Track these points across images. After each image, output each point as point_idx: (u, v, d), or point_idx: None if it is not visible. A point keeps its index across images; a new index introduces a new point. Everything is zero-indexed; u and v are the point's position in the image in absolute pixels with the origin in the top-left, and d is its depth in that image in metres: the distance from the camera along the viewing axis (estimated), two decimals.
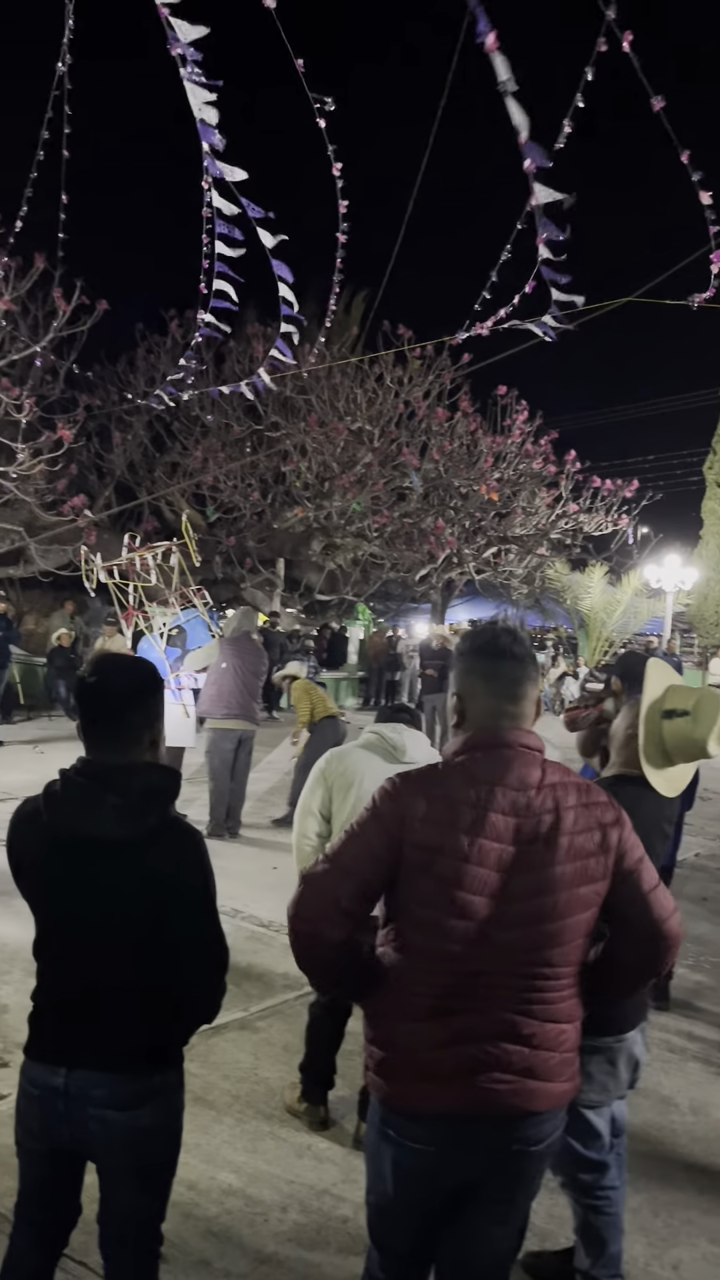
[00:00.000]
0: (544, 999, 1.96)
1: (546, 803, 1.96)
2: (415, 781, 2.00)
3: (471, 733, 2.04)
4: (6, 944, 5.24)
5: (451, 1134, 1.97)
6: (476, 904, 1.91)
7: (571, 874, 1.94)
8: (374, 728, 3.72)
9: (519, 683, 2.03)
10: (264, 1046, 4.32)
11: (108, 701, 2.10)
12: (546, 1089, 1.98)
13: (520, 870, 1.92)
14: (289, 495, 18.46)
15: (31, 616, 19.46)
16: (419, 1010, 1.96)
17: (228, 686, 8.04)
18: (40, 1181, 2.20)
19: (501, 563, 21.51)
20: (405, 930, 1.97)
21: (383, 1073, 2.01)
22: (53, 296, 13.55)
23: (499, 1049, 1.94)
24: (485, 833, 1.92)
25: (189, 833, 2.12)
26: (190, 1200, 3.16)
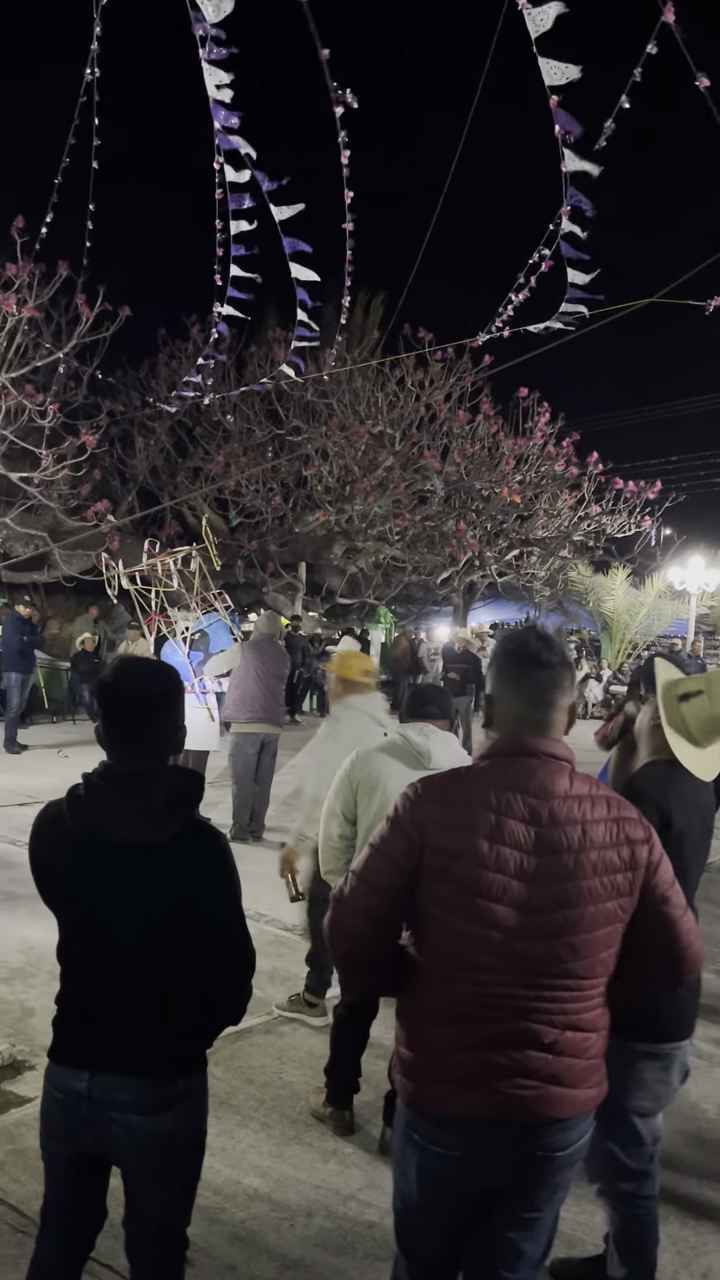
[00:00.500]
0: (566, 1009, 1.93)
1: (572, 814, 1.93)
2: (435, 786, 2.00)
3: (497, 738, 2.03)
4: (33, 947, 5.27)
5: (475, 1139, 1.96)
6: (497, 912, 1.89)
7: (598, 888, 1.91)
8: (400, 729, 3.62)
9: (546, 690, 2.00)
10: (289, 1051, 4.31)
11: (129, 705, 2.10)
12: (572, 1096, 1.96)
13: (544, 881, 1.90)
14: (310, 499, 18.48)
15: (55, 621, 19.59)
16: (442, 1014, 1.95)
17: (251, 690, 8.06)
18: (66, 1185, 2.20)
19: (524, 565, 21.43)
20: (427, 934, 1.96)
21: (409, 1075, 2.01)
22: (76, 303, 13.66)
23: (523, 1055, 1.92)
24: (504, 839, 1.90)
25: (213, 836, 2.12)
26: (216, 1205, 3.15)
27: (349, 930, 1.99)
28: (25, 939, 5.40)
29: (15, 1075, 3.91)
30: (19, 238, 12.25)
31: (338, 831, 3.65)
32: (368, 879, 1.97)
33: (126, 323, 13.89)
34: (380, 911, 1.96)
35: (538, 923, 1.89)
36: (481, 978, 1.91)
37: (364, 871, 1.99)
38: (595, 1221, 3.19)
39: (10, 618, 12.57)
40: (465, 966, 1.91)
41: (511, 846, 1.90)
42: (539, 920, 1.89)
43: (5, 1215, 3.03)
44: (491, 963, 1.90)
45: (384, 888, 1.95)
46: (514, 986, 1.90)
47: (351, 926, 1.98)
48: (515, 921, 1.89)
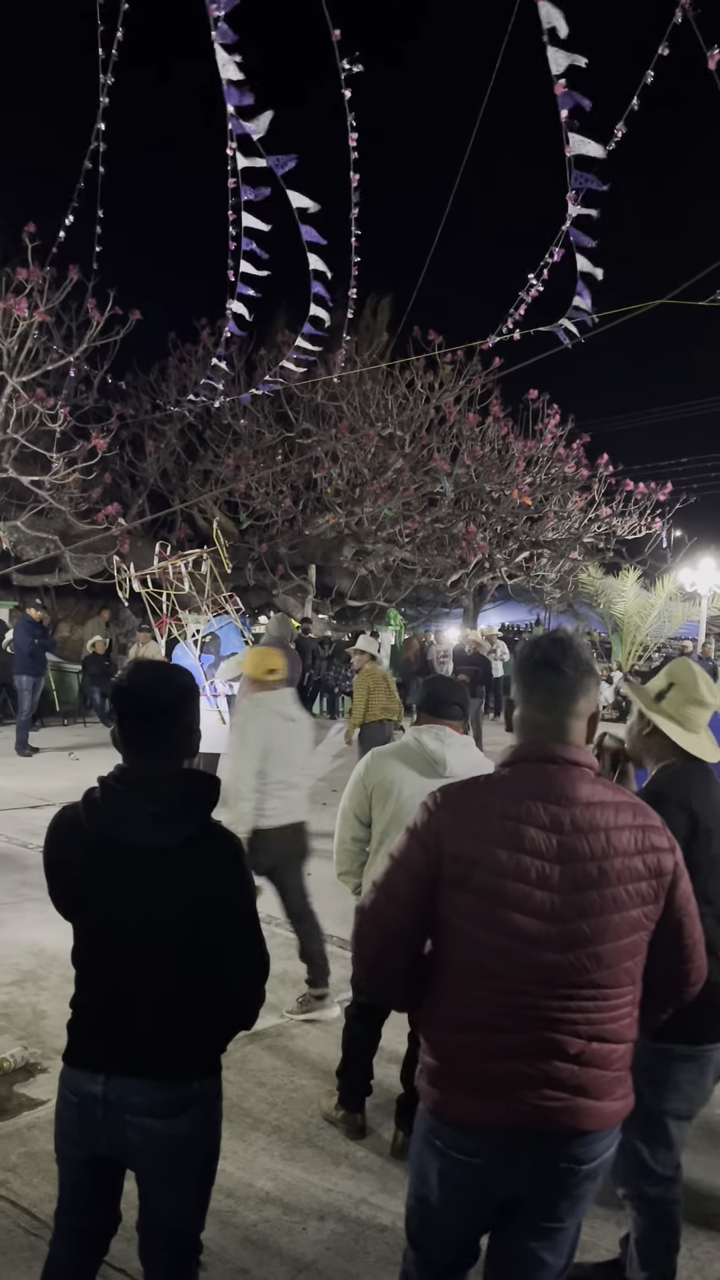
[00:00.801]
0: (591, 1019, 1.90)
1: (595, 820, 1.90)
2: (453, 795, 1.99)
3: (517, 745, 2.01)
4: (44, 949, 5.28)
5: (499, 1148, 1.94)
6: (518, 921, 1.87)
7: (622, 896, 1.89)
8: (416, 732, 3.52)
9: (563, 696, 1.98)
10: (300, 1054, 4.31)
11: (145, 709, 2.10)
12: (599, 1108, 1.93)
13: (567, 890, 1.87)
14: (320, 502, 18.49)
15: (66, 624, 19.65)
16: (466, 1022, 1.93)
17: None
18: (80, 1189, 2.20)
19: (534, 567, 21.40)
20: (449, 943, 1.95)
21: (434, 1082, 1.99)
22: (86, 307, 13.71)
23: (549, 1066, 1.90)
24: (524, 848, 1.88)
25: (228, 839, 2.12)
26: (228, 1208, 3.15)
27: (372, 942, 1.99)
28: (37, 941, 5.41)
29: (28, 1078, 3.92)
30: (30, 242, 12.31)
31: (350, 834, 3.63)
32: (388, 891, 1.97)
33: (137, 326, 13.95)
34: (401, 923, 1.95)
35: (561, 932, 1.87)
36: (505, 987, 1.89)
37: (384, 883, 1.98)
38: (608, 1226, 3.17)
39: (21, 621, 12.60)
40: (488, 976, 1.89)
41: (532, 854, 1.87)
42: (562, 929, 1.87)
43: (18, 1218, 3.03)
44: (514, 973, 1.88)
45: (404, 899, 1.94)
46: (538, 996, 1.88)
47: (374, 938, 1.98)
48: (538, 931, 1.86)
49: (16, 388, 13.16)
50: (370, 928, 1.98)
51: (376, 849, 3.55)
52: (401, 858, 1.97)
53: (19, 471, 13.80)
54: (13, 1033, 4.33)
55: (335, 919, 6.05)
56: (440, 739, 3.46)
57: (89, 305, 13.55)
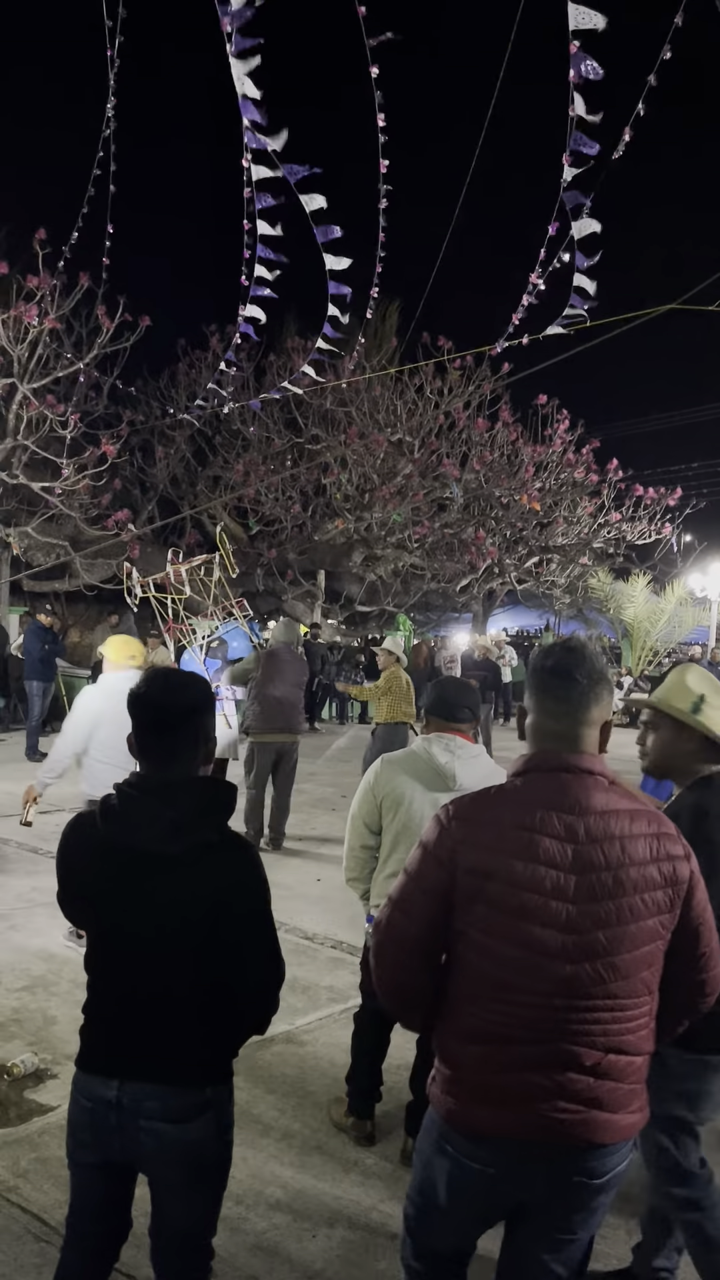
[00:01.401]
0: (608, 1030, 1.89)
1: (610, 829, 1.89)
2: (466, 808, 1.97)
3: (530, 754, 2.00)
4: (54, 955, 5.29)
5: (512, 1159, 1.93)
6: (535, 932, 1.86)
7: (639, 905, 1.87)
8: (426, 742, 3.48)
9: (576, 705, 1.96)
10: (310, 1060, 4.30)
11: (163, 717, 2.10)
12: (614, 1121, 1.92)
13: (583, 900, 1.86)
14: (329, 507, 18.52)
15: (75, 629, 19.71)
16: (483, 1035, 1.92)
17: (268, 700, 8.03)
18: (91, 1194, 2.20)
19: (543, 572, 21.39)
20: (465, 955, 1.93)
21: (448, 1090, 1.98)
22: (96, 314, 13.77)
23: (564, 1077, 1.88)
24: (539, 858, 1.86)
25: (244, 847, 2.12)
26: (238, 1215, 3.15)
27: (391, 958, 1.99)
28: (47, 946, 5.42)
29: (38, 1084, 3.93)
30: (40, 250, 12.38)
31: (360, 842, 3.61)
32: (403, 907, 1.96)
33: (146, 333, 14.01)
34: (419, 939, 1.94)
35: (578, 942, 1.86)
36: (521, 999, 1.87)
37: (400, 899, 1.98)
38: (619, 1235, 3.16)
39: (32, 626, 12.65)
40: (504, 988, 1.88)
41: (547, 865, 1.86)
42: (579, 940, 1.86)
43: (29, 1224, 3.04)
44: (531, 984, 1.87)
45: (420, 915, 1.94)
46: (555, 1008, 1.87)
47: (393, 954, 1.98)
48: (554, 941, 1.85)
49: (27, 394, 13.23)
50: (389, 944, 1.98)
51: (386, 857, 3.54)
52: (416, 873, 1.96)
53: (29, 478, 13.86)
54: (23, 1038, 4.33)
55: (343, 924, 6.05)
56: (450, 750, 3.41)
57: (99, 312, 13.62)
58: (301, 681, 8.30)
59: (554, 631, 27.68)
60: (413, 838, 3.42)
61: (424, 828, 3.33)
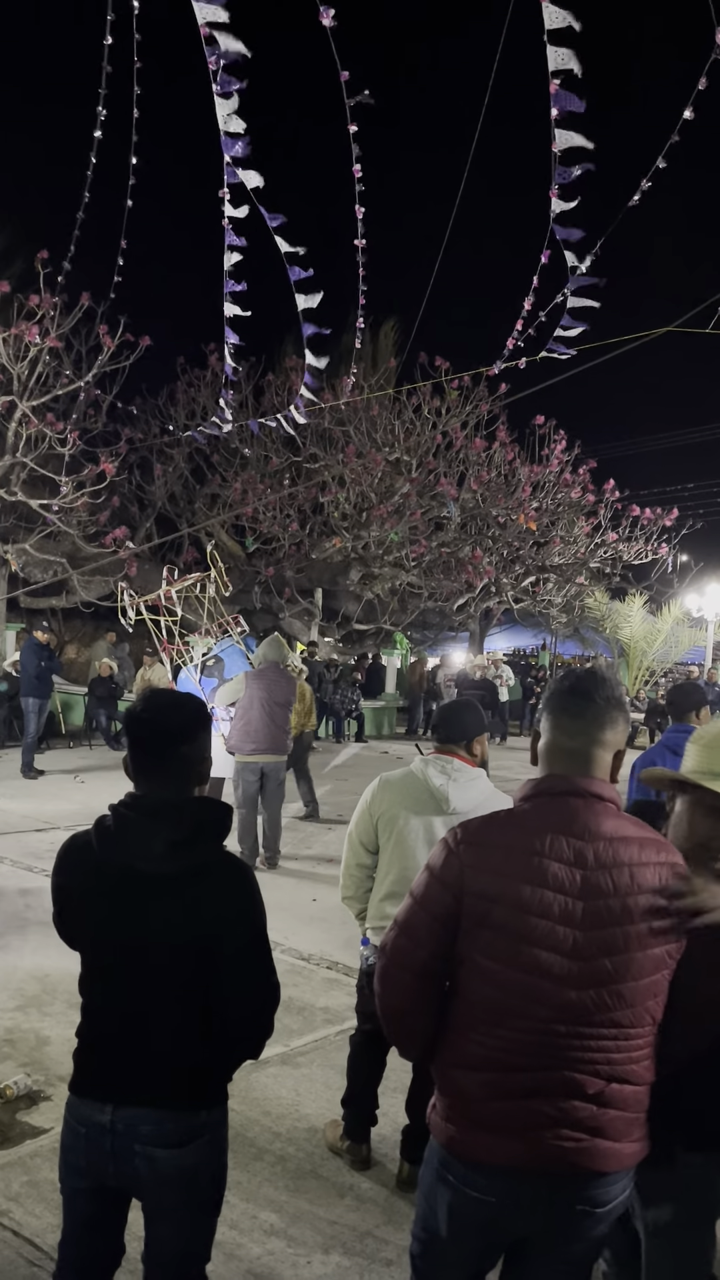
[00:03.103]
0: (612, 1059, 1.87)
1: (619, 856, 1.87)
2: (475, 832, 1.95)
3: (541, 777, 1.99)
4: (48, 975, 5.25)
5: (514, 1188, 1.91)
6: (541, 958, 1.84)
7: (646, 933, 1.85)
8: (424, 763, 3.47)
9: (590, 723, 1.95)
10: (305, 1082, 4.27)
11: (160, 736, 2.10)
12: (616, 1150, 1.90)
13: (590, 926, 1.84)
14: (327, 526, 18.57)
15: (73, 646, 19.72)
16: (484, 1061, 1.90)
17: (253, 720, 8.00)
18: (84, 1220, 2.18)
19: (540, 592, 21.43)
20: (469, 981, 1.92)
21: (449, 1118, 1.96)
22: (97, 332, 13.85)
23: (567, 1105, 1.86)
24: (547, 883, 1.85)
25: (240, 868, 2.11)
26: (232, 1240, 3.12)
27: (394, 983, 1.97)
28: (40, 966, 5.39)
29: (31, 1106, 3.89)
30: (42, 269, 12.46)
31: (356, 861, 3.60)
32: (409, 932, 1.95)
33: (146, 352, 14.08)
34: (424, 964, 1.93)
35: (584, 968, 1.84)
36: (526, 1025, 1.86)
37: (405, 923, 1.96)
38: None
39: (28, 643, 12.63)
40: (509, 1014, 1.87)
41: (555, 890, 1.85)
42: (585, 966, 1.84)
43: (20, 1249, 3.00)
44: (536, 1010, 1.85)
45: (425, 939, 1.92)
46: (560, 1035, 1.85)
47: (396, 978, 1.96)
48: (560, 968, 1.84)
49: (26, 412, 13.29)
50: (393, 968, 1.96)
51: (382, 878, 3.53)
52: (422, 897, 1.95)
53: (28, 495, 13.90)
54: (16, 1059, 4.30)
55: (339, 945, 6.02)
56: (446, 772, 3.40)
57: (100, 331, 13.69)
58: (288, 701, 8.23)
59: (550, 651, 27.70)
60: (405, 859, 3.41)
61: (418, 848, 3.35)
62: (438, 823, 3.38)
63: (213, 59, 5.11)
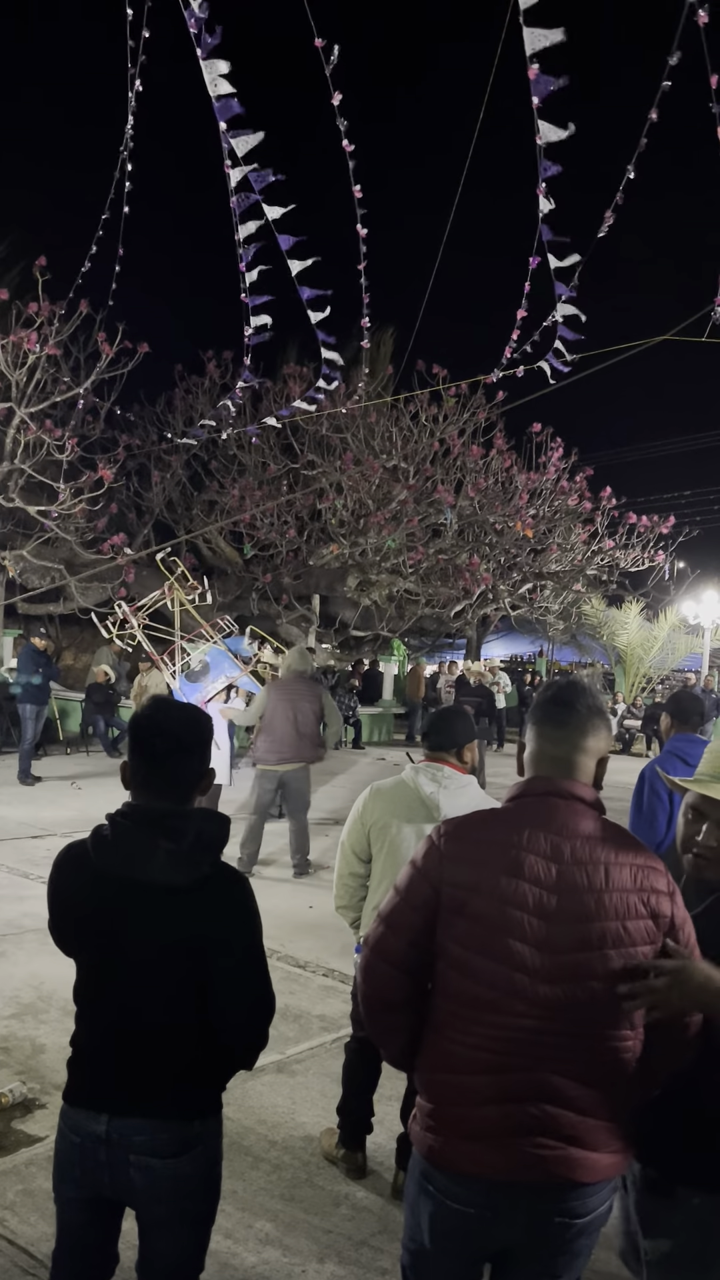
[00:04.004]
0: (589, 1061, 1.88)
1: (595, 854, 1.90)
2: (457, 827, 2.00)
3: (525, 780, 2.03)
4: (44, 983, 5.25)
5: (493, 1199, 1.91)
6: (515, 948, 1.86)
7: (620, 932, 1.87)
8: (414, 771, 3.48)
9: (573, 730, 2.00)
10: (300, 1090, 4.27)
11: (163, 747, 2.10)
12: (593, 1160, 1.89)
13: (563, 920, 1.87)
14: (325, 532, 18.57)
15: (70, 652, 19.68)
16: (463, 1062, 1.91)
17: (276, 729, 8.02)
18: (78, 1230, 2.18)
19: (537, 599, 21.43)
20: (447, 974, 1.94)
21: (428, 1127, 1.97)
22: (95, 339, 13.87)
23: (543, 1111, 1.87)
24: (523, 874, 1.88)
25: (237, 880, 2.12)
26: (227, 1249, 3.11)
27: (375, 973, 1.99)
28: (36, 973, 5.38)
29: (26, 1114, 3.89)
30: (40, 276, 12.48)
31: (349, 870, 3.61)
32: (391, 924, 1.99)
33: (144, 358, 14.10)
34: (403, 953, 1.96)
35: (556, 962, 1.86)
36: (501, 1020, 1.87)
37: (389, 916, 2.00)
38: (610, 1270, 3.13)
39: (25, 649, 12.62)
40: (485, 1008, 1.88)
41: (531, 881, 1.88)
42: (559, 960, 1.86)
43: (15, 1257, 3.00)
44: (511, 1004, 1.87)
45: (404, 929, 1.96)
46: (535, 1032, 1.86)
47: (379, 970, 1.99)
48: (534, 960, 1.86)
49: (25, 419, 13.30)
50: (377, 960, 1.99)
51: (375, 886, 3.54)
52: (405, 891, 1.99)
53: (26, 501, 13.90)
54: (11, 1067, 4.30)
55: (335, 952, 6.02)
56: (436, 780, 3.42)
57: (98, 338, 13.71)
58: (313, 709, 8.22)
59: (547, 658, 27.71)
60: (397, 866, 3.42)
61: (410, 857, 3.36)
62: (429, 830, 3.39)
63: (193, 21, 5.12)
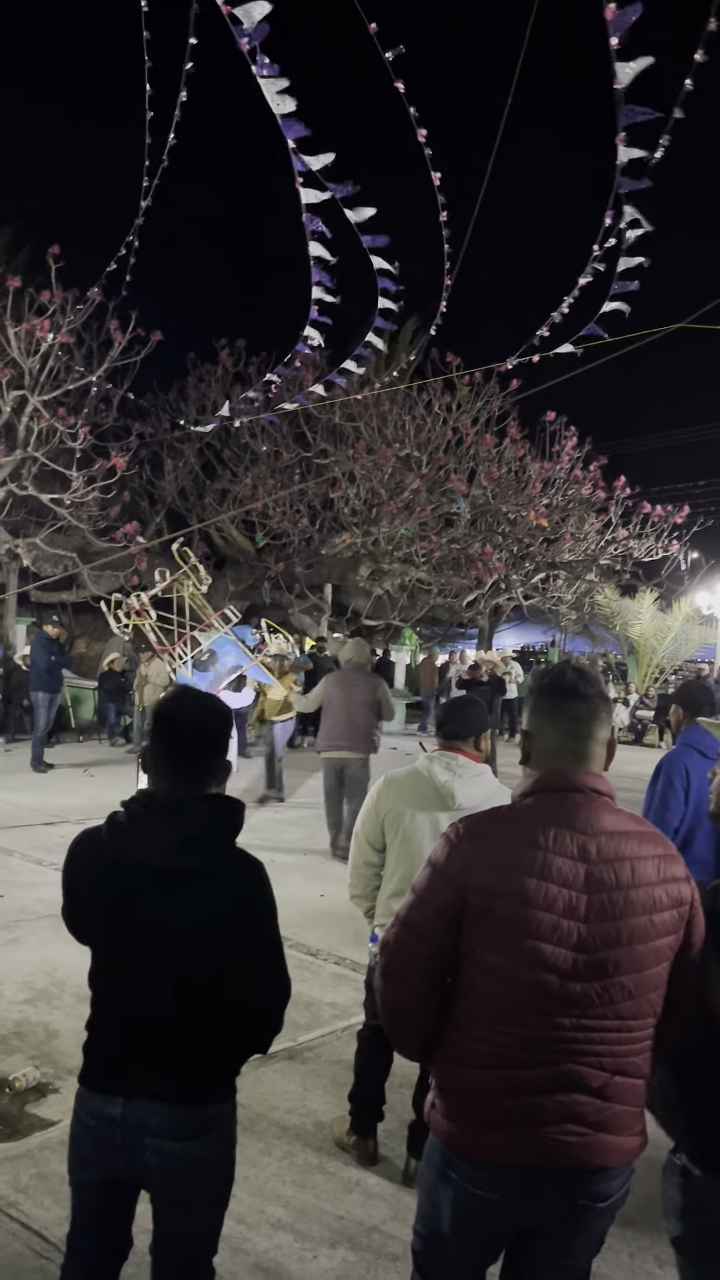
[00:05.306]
0: (615, 1051, 1.89)
1: (620, 850, 1.90)
2: (476, 826, 1.97)
3: (539, 775, 2.00)
4: (57, 968, 5.27)
5: (516, 1184, 1.92)
6: (545, 951, 1.85)
7: (648, 926, 1.88)
8: (428, 760, 3.48)
9: (586, 723, 1.98)
10: (312, 1077, 4.28)
11: (186, 737, 2.12)
12: (619, 1144, 1.91)
13: (594, 919, 1.86)
14: (337, 521, 18.57)
15: (82, 640, 19.75)
16: (487, 1057, 1.91)
17: (331, 719, 8.29)
18: (93, 1213, 2.20)
19: (550, 588, 21.39)
20: (473, 976, 1.92)
21: (450, 1115, 1.97)
22: (108, 327, 13.86)
23: (571, 1100, 1.88)
24: (551, 877, 1.86)
25: (253, 865, 2.12)
26: (239, 1234, 3.13)
27: (397, 979, 1.97)
28: (50, 959, 5.41)
29: (40, 1098, 3.91)
30: (54, 264, 12.47)
31: (363, 859, 3.61)
32: (412, 927, 1.95)
33: (156, 346, 14.08)
34: (427, 959, 1.93)
35: (588, 962, 1.86)
36: (529, 1020, 1.87)
37: (408, 918, 1.97)
38: (620, 1259, 3.14)
39: (38, 637, 12.66)
40: (513, 1009, 1.87)
41: (559, 884, 1.86)
42: (589, 959, 1.86)
43: (29, 1240, 3.02)
44: (540, 1004, 1.86)
45: (428, 935, 1.93)
46: (564, 1028, 1.86)
47: (400, 974, 1.96)
48: (565, 961, 1.85)
49: (38, 406, 13.31)
50: (396, 964, 1.96)
51: (389, 876, 3.54)
52: (424, 893, 1.95)
53: (39, 489, 13.93)
54: (25, 1052, 4.32)
55: (347, 940, 6.03)
56: (451, 769, 3.41)
57: (111, 326, 13.70)
58: (370, 700, 8.37)
59: (560, 648, 27.65)
60: (411, 855, 3.42)
61: (424, 846, 3.35)
62: (443, 819, 3.38)
63: (244, 39, 5.09)
